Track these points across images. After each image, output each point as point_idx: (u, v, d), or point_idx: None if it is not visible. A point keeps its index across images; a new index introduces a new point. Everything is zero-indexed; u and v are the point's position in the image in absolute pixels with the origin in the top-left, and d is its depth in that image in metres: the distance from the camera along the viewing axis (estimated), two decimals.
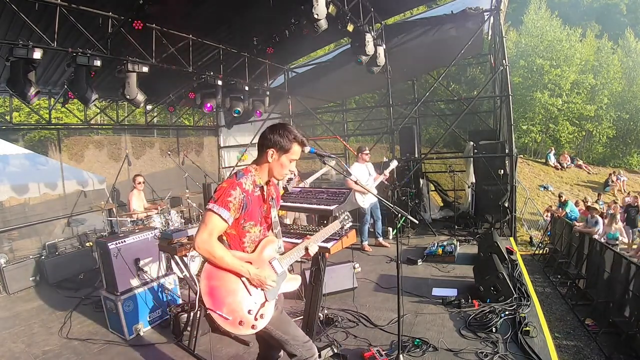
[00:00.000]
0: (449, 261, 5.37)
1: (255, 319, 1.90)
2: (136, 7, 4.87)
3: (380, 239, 6.41)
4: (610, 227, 8.07)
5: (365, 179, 5.85)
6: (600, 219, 8.23)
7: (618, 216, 8.45)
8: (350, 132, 12.87)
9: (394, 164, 5.99)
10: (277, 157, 1.98)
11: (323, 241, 2.75)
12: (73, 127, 11.87)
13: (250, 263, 1.94)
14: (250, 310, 1.89)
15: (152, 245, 3.94)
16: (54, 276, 5.52)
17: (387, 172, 5.86)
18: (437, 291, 4.33)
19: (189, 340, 3.34)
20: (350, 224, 2.42)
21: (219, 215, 1.84)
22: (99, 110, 9.92)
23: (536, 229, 12.19)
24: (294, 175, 5.22)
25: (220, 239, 1.95)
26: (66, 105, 7.89)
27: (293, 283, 2.12)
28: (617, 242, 7.93)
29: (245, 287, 1.91)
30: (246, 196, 1.92)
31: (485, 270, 4.22)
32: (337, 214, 2.43)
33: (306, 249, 2.13)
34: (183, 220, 5.96)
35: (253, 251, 2.01)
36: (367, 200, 5.82)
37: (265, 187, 2.06)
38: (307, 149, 2.44)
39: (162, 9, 5.00)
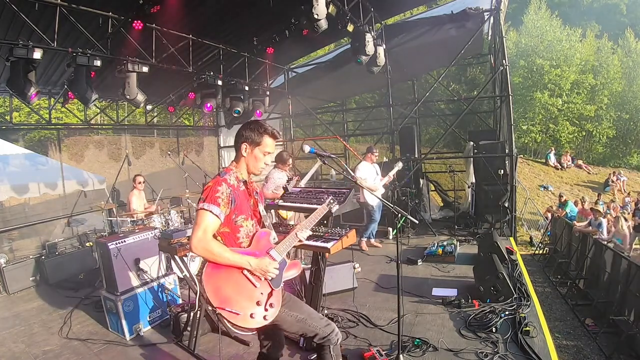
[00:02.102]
0: (449, 261, 5.37)
1: (266, 310, 1.92)
2: (136, 7, 4.87)
3: (372, 240, 6.43)
4: (618, 230, 7.96)
5: (373, 178, 5.98)
6: (604, 221, 8.19)
7: (623, 220, 8.30)
8: (350, 132, 12.87)
9: (398, 166, 6.06)
10: (250, 150, 2.06)
11: (322, 241, 2.76)
12: (73, 127, 11.89)
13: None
14: (258, 302, 1.92)
15: (152, 245, 3.93)
16: (54, 276, 5.51)
17: (392, 173, 6.00)
18: (437, 291, 4.33)
19: (189, 340, 3.34)
20: (338, 206, 2.44)
21: (210, 212, 1.87)
22: (99, 110, 9.92)
23: (536, 229, 12.20)
24: (295, 175, 5.24)
25: (214, 239, 1.96)
26: (66, 105, 7.88)
27: (294, 270, 2.14)
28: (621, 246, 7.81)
29: (249, 280, 1.93)
30: (233, 190, 1.97)
31: (485, 270, 4.22)
32: (329, 206, 2.44)
33: (296, 235, 2.17)
34: (183, 220, 5.96)
35: (249, 245, 2.04)
36: (375, 198, 5.86)
37: (248, 182, 2.13)
38: (307, 147, 2.45)
39: (162, 9, 4.99)
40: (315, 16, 4.89)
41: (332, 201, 2.44)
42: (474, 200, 7.93)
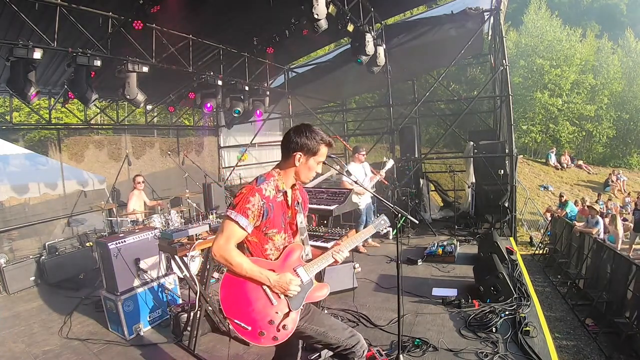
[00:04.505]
0: (449, 261, 5.36)
1: (278, 330, 1.80)
2: (136, 7, 4.88)
3: (369, 240, 6.38)
4: (612, 227, 8.01)
5: (362, 179, 5.86)
6: (600, 219, 8.21)
7: (619, 218, 8.32)
8: (350, 132, 12.87)
9: (389, 164, 6.00)
10: (305, 160, 1.90)
11: (322, 241, 2.76)
12: (73, 127, 11.86)
13: (273, 270, 1.85)
14: (271, 321, 1.79)
15: (152, 245, 3.93)
16: (54, 276, 5.51)
17: (382, 171, 5.90)
18: (437, 291, 4.33)
19: (189, 340, 3.34)
20: (387, 229, 2.28)
21: (237, 223, 1.77)
22: (99, 110, 9.92)
23: (536, 229, 12.19)
24: None
25: (241, 246, 1.88)
26: (66, 105, 7.89)
27: (322, 291, 1.98)
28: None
29: (267, 296, 1.81)
30: (266, 203, 1.83)
31: (485, 270, 4.22)
32: (375, 221, 2.27)
33: (332, 255, 2.00)
34: (183, 220, 5.96)
35: (277, 259, 1.93)
36: (363, 201, 5.82)
37: (289, 192, 1.97)
38: None
39: (162, 9, 4.99)
40: (315, 16, 4.89)
41: (383, 222, 2.21)
42: (474, 200, 7.92)
